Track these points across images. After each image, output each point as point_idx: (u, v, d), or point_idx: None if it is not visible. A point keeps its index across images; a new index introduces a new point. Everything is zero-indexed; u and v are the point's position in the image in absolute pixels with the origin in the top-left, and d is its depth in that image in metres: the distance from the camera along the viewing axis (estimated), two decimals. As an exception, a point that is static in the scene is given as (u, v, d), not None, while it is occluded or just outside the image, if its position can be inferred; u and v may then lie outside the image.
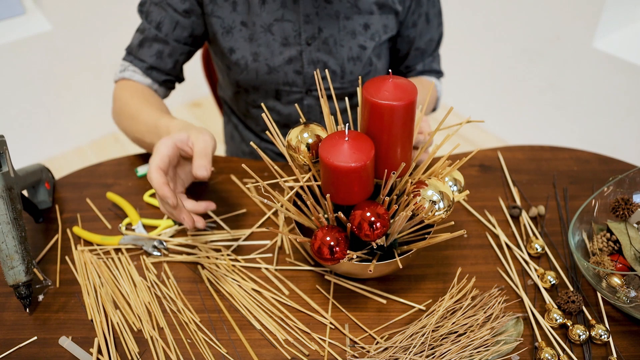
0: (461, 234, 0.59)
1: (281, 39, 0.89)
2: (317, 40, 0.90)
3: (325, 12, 0.88)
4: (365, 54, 0.92)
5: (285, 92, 0.95)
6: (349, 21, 0.90)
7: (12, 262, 0.66)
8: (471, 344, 0.60)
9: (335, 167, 0.58)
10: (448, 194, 0.62)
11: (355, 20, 0.90)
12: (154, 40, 0.90)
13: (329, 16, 0.88)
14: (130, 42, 0.92)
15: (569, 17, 1.76)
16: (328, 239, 0.60)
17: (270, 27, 0.88)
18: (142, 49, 0.90)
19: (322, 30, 0.89)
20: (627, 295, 0.64)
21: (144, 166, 0.91)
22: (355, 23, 0.90)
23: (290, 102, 0.97)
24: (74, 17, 1.97)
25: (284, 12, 0.87)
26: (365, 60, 0.93)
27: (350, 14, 0.89)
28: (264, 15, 0.87)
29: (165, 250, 0.77)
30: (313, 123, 0.68)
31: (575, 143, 1.91)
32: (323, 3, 0.87)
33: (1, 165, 0.69)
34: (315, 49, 0.90)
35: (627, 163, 0.90)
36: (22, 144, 2.08)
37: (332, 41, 0.90)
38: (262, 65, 0.91)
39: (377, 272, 0.66)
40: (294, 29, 0.88)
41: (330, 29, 0.89)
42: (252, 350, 0.64)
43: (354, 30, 0.90)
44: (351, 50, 0.91)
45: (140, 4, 0.92)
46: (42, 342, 0.66)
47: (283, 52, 0.90)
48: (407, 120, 0.60)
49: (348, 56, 0.92)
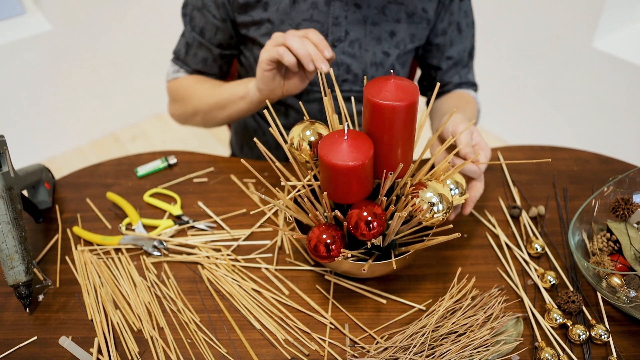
0: (456, 236, 0.58)
1: None
2: (343, 43, 0.91)
3: (354, 17, 0.89)
4: (388, 60, 0.93)
5: (306, 90, 0.95)
6: (376, 27, 0.90)
7: (12, 262, 0.66)
8: (471, 344, 0.60)
9: (333, 165, 0.58)
10: (447, 197, 0.62)
11: (381, 27, 0.90)
12: (199, 47, 0.94)
13: (356, 20, 0.89)
14: (177, 46, 0.96)
15: (569, 17, 1.76)
16: (324, 236, 0.60)
17: (299, 26, 0.89)
18: (188, 55, 0.95)
19: (348, 33, 0.90)
20: (627, 295, 0.64)
21: (144, 166, 0.91)
22: (382, 30, 0.90)
23: (309, 100, 0.97)
24: (74, 17, 1.97)
25: (313, 12, 0.88)
26: (388, 67, 0.94)
27: (378, 20, 0.90)
28: (293, 15, 0.88)
29: (165, 250, 0.77)
30: (317, 122, 0.68)
31: (575, 143, 1.91)
32: (352, 7, 0.88)
33: (1, 165, 0.69)
34: (340, 52, 0.91)
35: (627, 163, 0.90)
36: (22, 144, 2.08)
37: (358, 45, 0.91)
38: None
39: (374, 272, 0.66)
40: (322, 30, 0.89)
41: (357, 32, 0.90)
42: (252, 350, 0.64)
43: (379, 36, 0.91)
44: (375, 56, 0.92)
45: (183, 6, 0.94)
46: (42, 342, 0.66)
47: None
48: (408, 121, 0.60)
49: (371, 61, 0.92)
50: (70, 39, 2.00)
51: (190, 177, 0.90)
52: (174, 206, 0.84)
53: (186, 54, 0.95)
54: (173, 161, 0.92)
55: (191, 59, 0.95)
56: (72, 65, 2.05)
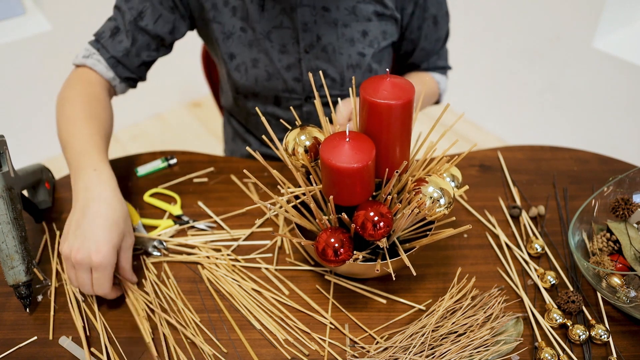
0: (467, 228, 0.59)
1: (279, 46, 0.89)
2: (316, 49, 0.89)
3: (324, 20, 0.87)
4: (364, 60, 0.92)
5: (285, 98, 0.95)
6: (347, 29, 0.89)
7: (12, 262, 0.66)
8: (471, 344, 0.60)
9: (337, 168, 0.58)
10: (449, 190, 0.62)
11: (353, 28, 0.89)
12: (127, 34, 0.84)
13: (327, 24, 0.88)
14: (101, 28, 0.86)
15: (569, 17, 1.76)
16: (332, 240, 0.60)
17: (269, 34, 0.88)
18: (113, 39, 0.84)
19: (320, 38, 0.89)
20: (627, 295, 0.64)
21: (144, 166, 0.91)
22: (354, 30, 0.89)
23: (289, 108, 0.97)
24: (74, 17, 1.97)
25: (282, 19, 0.87)
26: (365, 67, 0.93)
27: (348, 22, 0.88)
28: (263, 22, 0.87)
29: (165, 250, 0.77)
30: (309, 125, 0.68)
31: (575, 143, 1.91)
32: (321, 11, 0.86)
33: (1, 165, 0.69)
34: (314, 57, 0.90)
35: (627, 163, 0.90)
36: (22, 144, 2.08)
37: (331, 49, 0.90)
38: (262, 72, 0.91)
39: (382, 271, 0.66)
40: (292, 36, 0.88)
41: (329, 37, 0.89)
42: (252, 350, 0.64)
43: (352, 37, 0.89)
44: (350, 58, 0.91)
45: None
46: (42, 342, 0.66)
47: (282, 59, 0.90)
48: (405, 118, 0.60)
49: (347, 64, 0.91)
50: (70, 39, 1.99)
51: (190, 177, 0.90)
52: (174, 206, 0.84)
53: (110, 38, 0.84)
54: (173, 161, 0.92)
55: (113, 45, 0.83)
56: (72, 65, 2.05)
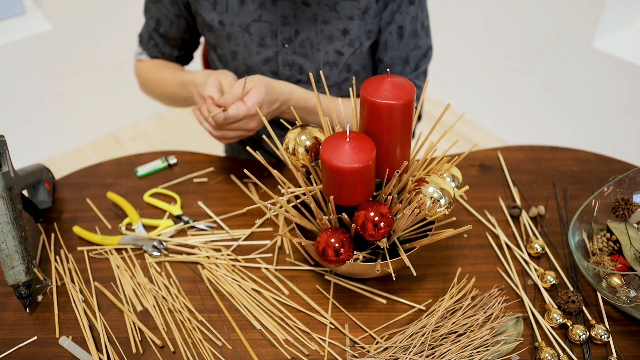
0: (468, 229, 0.59)
1: (258, 39, 0.89)
2: (294, 43, 0.89)
3: (304, 15, 0.86)
4: (342, 59, 0.90)
5: None
6: (327, 25, 0.87)
7: (12, 262, 0.66)
8: (471, 344, 0.60)
9: (338, 168, 0.58)
10: (449, 190, 0.62)
11: (333, 25, 0.87)
12: (156, 37, 0.97)
13: (306, 19, 0.87)
14: (142, 30, 1.00)
15: (569, 17, 1.76)
16: (333, 240, 0.60)
17: (248, 27, 0.88)
18: (149, 43, 0.99)
19: (299, 32, 0.88)
20: (627, 295, 0.64)
21: (144, 166, 0.91)
22: (333, 28, 0.88)
23: None
24: (74, 17, 1.97)
25: (261, 12, 0.87)
26: (342, 66, 0.91)
27: (329, 18, 0.87)
28: (242, 15, 0.87)
29: (165, 250, 0.77)
30: (309, 125, 0.68)
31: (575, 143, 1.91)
32: (301, 5, 0.86)
33: (1, 165, 0.69)
34: (291, 52, 0.89)
35: (627, 163, 0.90)
36: (22, 144, 2.08)
37: (309, 44, 0.89)
38: (241, 64, 0.92)
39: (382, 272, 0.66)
40: (271, 29, 0.88)
41: (308, 32, 0.88)
42: (252, 350, 0.64)
43: (331, 34, 0.88)
44: (327, 55, 0.90)
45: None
46: (42, 342, 0.66)
47: (260, 53, 0.90)
48: (405, 118, 0.60)
49: (324, 61, 0.90)
50: (70, 39, 2.00)
51: (190, 177, 0.90)
52: (174, 206, 0.84)
53: (147, 42, 0.99)
54: (173, 161, 0.92)
55: (149, 48, 0.99)
56: (72, 65, 2.05)
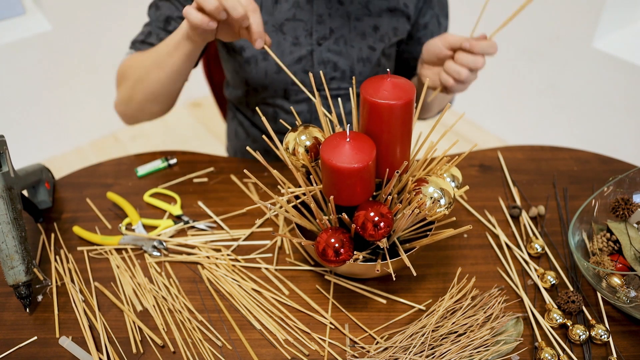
0: (468, 229, 0.60)
1: (292, 39, 0.90)
2: (329, 41, 0.90)
3: (338, 13, 0.89)
4: (374, 55, 0.93)
5: (294, 91, 0.95)
6: (359, 22, 0.90)
7: (12, 262, 0.66)
8: (471, 344, 0.60)
9: (337, 168, 0.58)
10: (449, 191, 0.62)
11: (365, 22, 0.90)
12: (163, 35, 0.89)
13: (340, 17, 0.89)
14: (136, 36, 0.92)
15: (569, 17, 1.76)
16: (332, 240, 0.60)
17: (282, 26, 0.88)
18: (144, 44, 0.90)
19: (333, 31, 0.90)
20: (627, 295, 0.64)
21: (144, 166, 0.91)
22: (365, 25, 0.91)
23: (298, 101, 0.97)
24: (73, 17, 1.97)
25: (296, 11, 0.88)
26: (375, 62, 0.94)
27: (361, 16, 0.90)
28: (276, 15, 0.88)
29: (165, 250, 0.77)
30: (310, 125, 0.68)
31: (575, 143, 1.91)
32: (336, 4, 0.88)
33: (1, 165, 0.69)
34: (326, 49, 0.91)
35: (627, 163, 0.90)
36: (22, 144, 2.08)
37: (343, 42, 0.91)
38: (272, 64, 0.91)
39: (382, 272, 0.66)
40: (306, 28, 0.89)
41: (342, 29, 0.90)
42: (252, 350, 0.64)
43: (364, 31, 0.91)
44: (361, 51, 0.92)
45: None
46: (42, 342, 0.66)
47: (293, 52, 0.90)
48: (405, 118, 0.60)
49: (358, 57, 0.92)
50: (70, 39, 2.00)
51: (190, 177, 0.90)
52: (174, 206, 0.84)
53: (142, 42, 0.90)
54: (173, 161, 0.92)
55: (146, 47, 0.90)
56: (72, 65, 2.05)
